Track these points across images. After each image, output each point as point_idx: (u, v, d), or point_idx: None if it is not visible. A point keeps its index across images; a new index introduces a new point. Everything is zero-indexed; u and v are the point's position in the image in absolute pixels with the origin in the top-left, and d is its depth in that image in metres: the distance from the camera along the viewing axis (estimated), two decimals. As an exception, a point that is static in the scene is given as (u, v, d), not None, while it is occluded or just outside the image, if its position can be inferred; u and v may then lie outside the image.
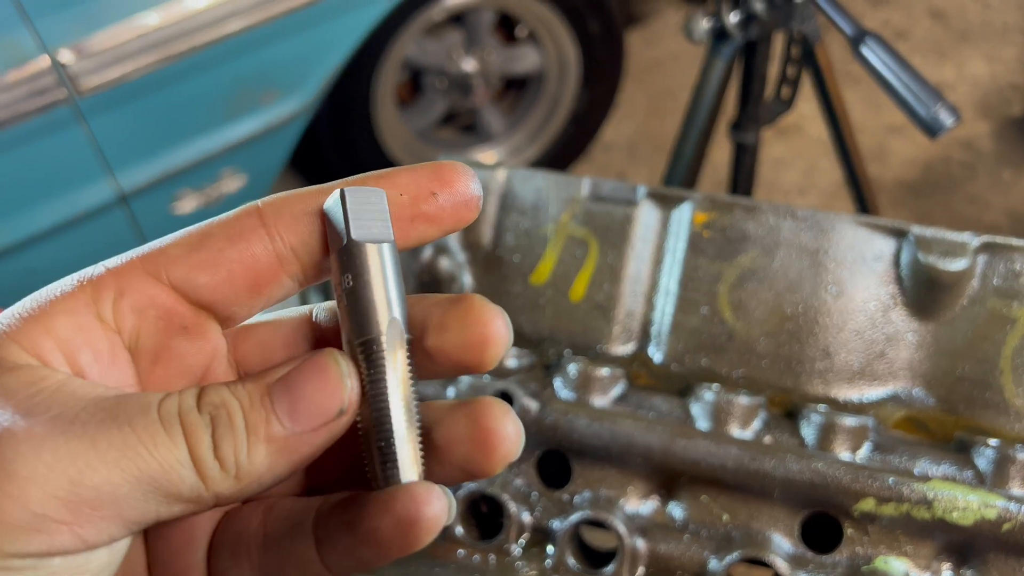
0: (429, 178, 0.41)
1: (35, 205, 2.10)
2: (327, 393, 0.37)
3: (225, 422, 0.36)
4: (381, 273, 0.39)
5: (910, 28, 3.48)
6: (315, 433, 0.37)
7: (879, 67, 1.21)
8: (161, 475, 0.34)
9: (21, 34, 1.93)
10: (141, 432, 0.34)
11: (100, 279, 0.39)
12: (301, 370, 0.38)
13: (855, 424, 0.83)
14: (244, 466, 0.36)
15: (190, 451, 0.35)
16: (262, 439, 0.36)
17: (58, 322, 0.37)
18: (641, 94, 3.35)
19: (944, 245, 0.88)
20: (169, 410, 0.35)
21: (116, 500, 0.34)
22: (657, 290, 0.96)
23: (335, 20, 2.32)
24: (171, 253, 0.39)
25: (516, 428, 0.39)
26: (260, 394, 0.37)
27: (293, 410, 0.37)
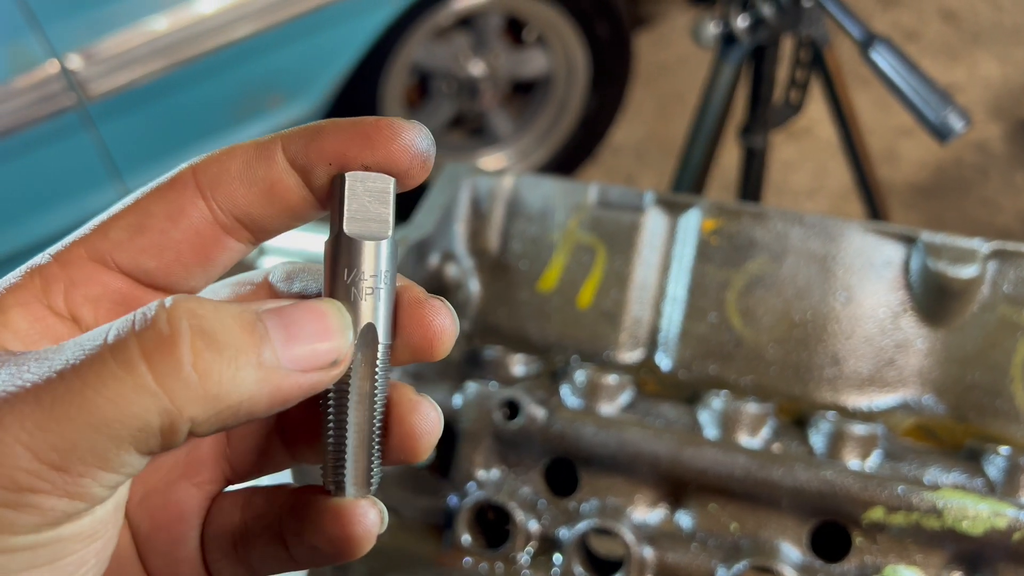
0: (358, 142, 0.37)
1: (44, 209, 2.11)
2: (325, 337, 0.35)
3: (211, 334, 0.32)
4: (371, 271, 0.37)
5: (921, 29, 3.46)
6: (304, 376, 0.34)
7: (889, 72, 1.20)
8: (117, 412, 0.31)
9: (30, 40, 1.94)
10: (86, 372, 0.31)
11: (47, 270, 0.37)
12: (300, 308, 0.35)
13: (864, 432, 0.83)
14: (228, 384, 0.32)
15: (152, 370, 0.31)
16: (252, 361, 0.33)
17: (13, 315, 0.36)
18: (649, 97, 3.35)
19: (954, 252, 0.88)
20: (121, 331, 0.32)
21: (81, 454, 0.31)
22: (665, 297, 0.96)
23: (341, 25, 2.32)
24: (113, 237, 0.38)
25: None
26: (252, 317, 0.34)
27: (288, 343, 0.34)
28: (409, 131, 0.38)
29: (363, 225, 0.38)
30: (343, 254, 0.37)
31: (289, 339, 0.34)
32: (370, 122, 0.38)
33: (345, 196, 0.37)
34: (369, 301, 0.37)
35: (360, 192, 0.37)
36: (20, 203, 2.08)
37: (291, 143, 0.38)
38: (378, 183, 0.38)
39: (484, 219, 1.01)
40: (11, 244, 2.08)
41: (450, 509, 0.85)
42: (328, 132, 0.38)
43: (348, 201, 0.37)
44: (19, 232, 2.08)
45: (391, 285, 0.38)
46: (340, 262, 0.37)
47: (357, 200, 0.37)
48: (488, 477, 0.87)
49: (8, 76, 1.93)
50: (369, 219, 0.38)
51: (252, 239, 0.39)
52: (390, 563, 0.82)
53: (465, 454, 0.86)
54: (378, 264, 0.38)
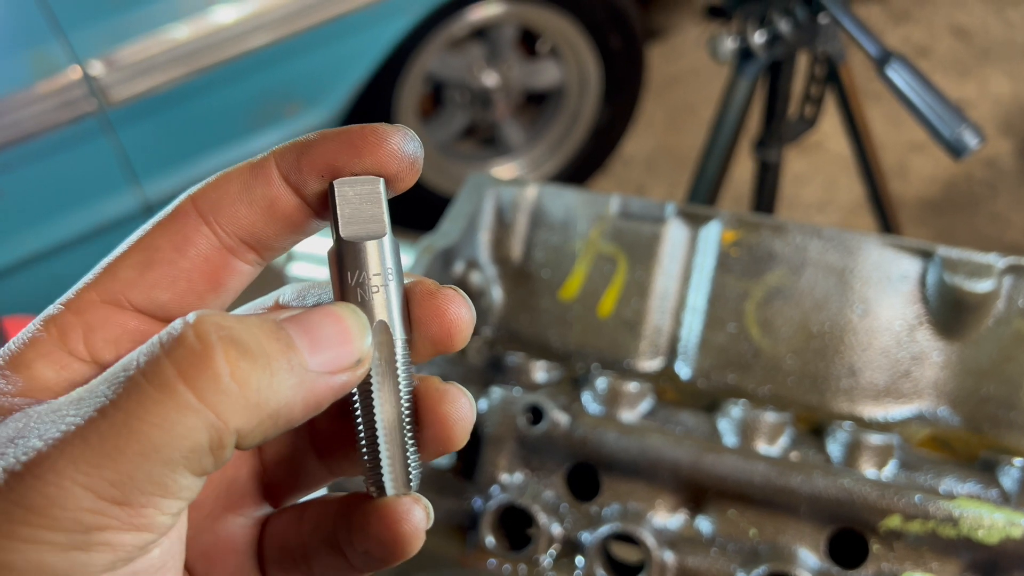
0: (345, 151, 0.38)
1: (63, 213, 2.13)
2: (346, 338, 0.35)
3: (242, 344, 0.32)
4: (375, 270, 0.38)
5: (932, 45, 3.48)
6: (333, 377, 0.35)
7: (904, 89, 1.22)
8: (165, 436, 0.31)
9: (53, 46, 1.97)
10: (124, 403, 0.31)
11: (62, 319, 0.37)
12: (316, 313, 0.36)
13: (881, 442, 0.84)
14: (266, 392, 0.32)
15: (190, 387, 0.31)
16: (285, 367, 0.33)
17: (37, 368, 0.36)
18: (661, 109, 3.37)
19: (970, 266, 0.89)
20: (150, 355, 0.32)
21: (140, 485, 0.31)
22: (685, 307, 0.97)
23: (358, 35, 2.35)
24: (123, 277, 0.38)
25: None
26: (275, 326, 0.34)
27: (313, 348, 0.34)
28: (395, 136, 0.38)
29: (359, 227, 0.38)
30: (345, 259, 0.38)
31: (312, 343, 0.34)
32: (356, 130, 0.38)
33: (337, 203, 0.38)
34: (378, 299, 0.38)
35: (351, 197, 0.38)
36: (40, 206, 2.10)
37: (283, 159, 0.38)
38: (367, 185, 0.38)
39: (508, 228, 1.03)
40: (30, 247, 2.10)
41: (474, 511, 0.87)
42: (317, 144, 0.38)
43: (340, 207, 0.38)
44: (38, 235, 2.11)
45: (398, 281, 0.38)
46: (344, 267, 0.38)
47: (349, 205, 0.38)
48: (511, 481, 0.88)
49: (31, 81, 1.96)
50: (364, 221, 0.38)
51: (259, 259, 0.40)
52: (416, 563, 0.84)
53: (489, 458, 0.88)
54: (381, 262, 0.38)
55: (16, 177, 2.02)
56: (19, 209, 2.07)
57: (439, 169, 2.86)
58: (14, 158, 1.99)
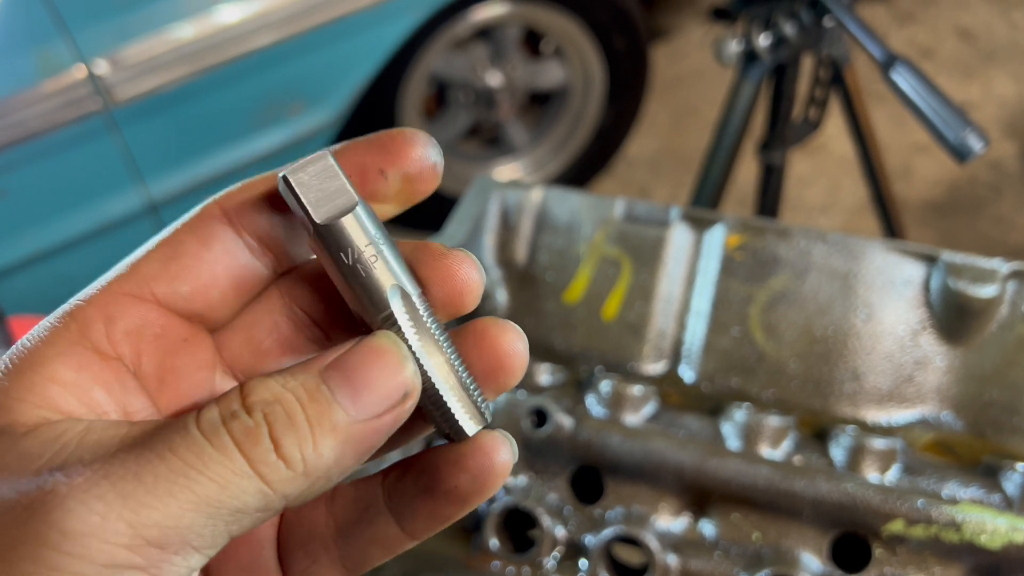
0: (375, 153, 0.38)
1: (68, 212, 2.14)
2: (389, 376, 0.35)
3: (283, 418, 0.33)
4: (365, 241, 0.37)
5: (936, 47, 3.48)
6: (380, 420, 0.35)
7: (909, 92, 1.22)
8: (220, 493, 0.32)
9: (59, 45, 1.97)
10: (185, 454, 0.32)
11: (82, 311, 0.37)
12: (356, 354, 0.35)
13: (884, 446, 0.85)
14: (312, 460, 0.34)
15: (246, 457, 0.33)
16: (327, 430, 0.34)
17: (56, 367, 0.36)
18: (664, 110, 3.37)
19: (974, 271, 0.90)
20: (211, 421, 0.33)
21: (181, 531, 0.32)
22: (689, 311, 0.98)
23: (362, 35, 2.35)
24: (146, 270, 0.38)
25: (524, 344, 0.39)
26: (315, 383, 0.35)
27: (356, 396, 0.35)
28: (422, 142, 0.39)
29: (330, 207, 0.37)
30: (330, 243, 0.37)
31: (355, 393, 0.35)
32: (385, 134, 0.39)
33: (298, 192, 0.37)
34: (379, 267, 0.37)
35: (308, 181, 0.37)
36: (45, 205, 2.11)
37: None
38: (317, 163, 0.37)
39: (512, 231, 1.03)
40: (35, 246, 2.11)
41: (478, 514, 0.87)
42: (346, 151, 0.39)
43: (303, 194, 0.37)
44: (43, 234, 2.12)
45: (390, 243, 0.38)
46: (334, 251, 0.37)
47: (310, 189, 0.37)
48: (516, 483, 0.89)
49: (37, 80, 1.96)
50: (331, 198, 0.37)
51: (276, 264, 0.40)
52: (421, 565, 0.84)
53: (493, 461, 0.89)
54: (365, 231, 0.37)
55: (21, 176, 2.03)
56: (24, 208, 2.08)
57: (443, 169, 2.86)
58: (19, 157, 1.99)
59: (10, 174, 2.01)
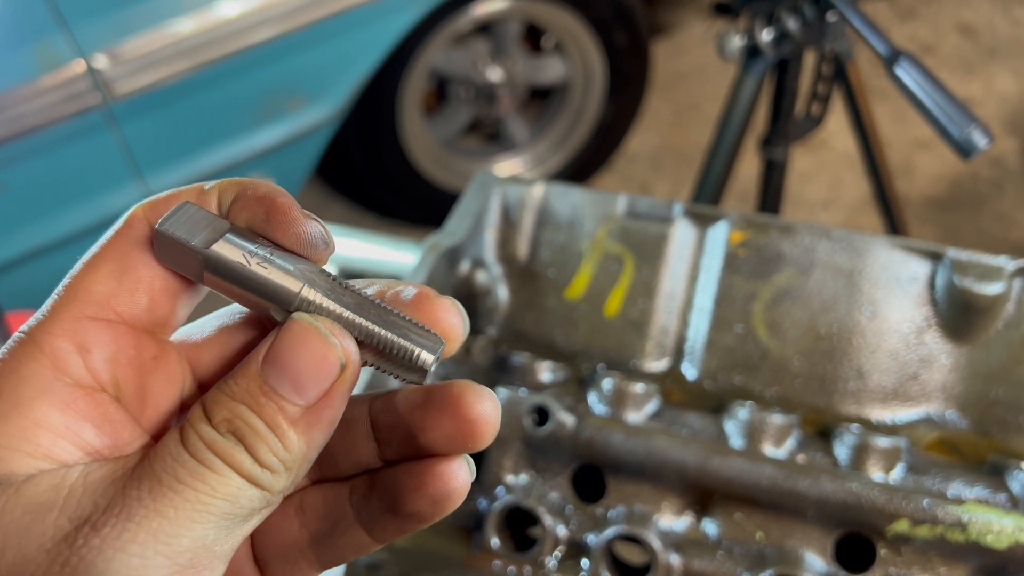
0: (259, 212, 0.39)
1: (67, 207, 2.13)
2: (319, 357, 0.36)
3: (248, 432, 0.36)
4: (251, 248, 0.38)
5: (938, 43, 3.47)
6: (330, 396, 0.37)
7: (913, 88, 1.21)
8: (231, 507, 0.35)
9: (57, 39, 1.96)
10: (192, 482, 0.35)
11: (51, 342, 0.37)
12: (283, 343, 0.37)
13: (888, 445, 0.84)
14: (286, 457, 0.36)
15: (239, 472, 0.35)
16: (286, 426, 0.36)
17: (42, 409, 0.36)
18: (665, 105, 3.36)
19: (980, 269, 0.89)
20: (196, 447, 0.35)
21: (208, 547, 0.35)
22: (692, 307, 0.97)
23: (363, 30, 2.34)
24: (100, 289, 0.38)
25: (496, 412, 0.39)
26: (256, 387, 0.36)
27: (297, 385, 0.36)
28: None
29: (206, 235, 0.38)
30: (221, 265, 0.38)
31: (295, 383, 0.36)
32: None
33: (174, 235, 0.38)
34: (274, 264, 0.38)
35: (178, 225, 0.38)
36: (44, 200, 2.10)
37: (226, 195, 0.40)
38: (180, 210, 0.38)
39: (514, 227, 1.02)
40: (34, 241, 2.10)
41: (479, 512, 0.87)
42: (244, 197, 0.40)
43: (179, 234, 0.38)
44: (42, 229, 2.11)
45: (275, 247, 0.39)
46: (225, 270, 0.38)
47: (183, 230, 0.38)
48: (517, 482, 0.88)
49: (35, 75, 1.95)
50: (203, 229, 0.38)
51: None
52: (421, 564, 0.84)
53: (495, 458, 0.88)
54: (248, 242, 0.38)
55: (20, 170, 2.02)
56: (23, 202, 2.07)
57: (443, 165, 2.86)
58: (18, 151, 1.98)
59: (9, 168, 2.00)
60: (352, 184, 2.93)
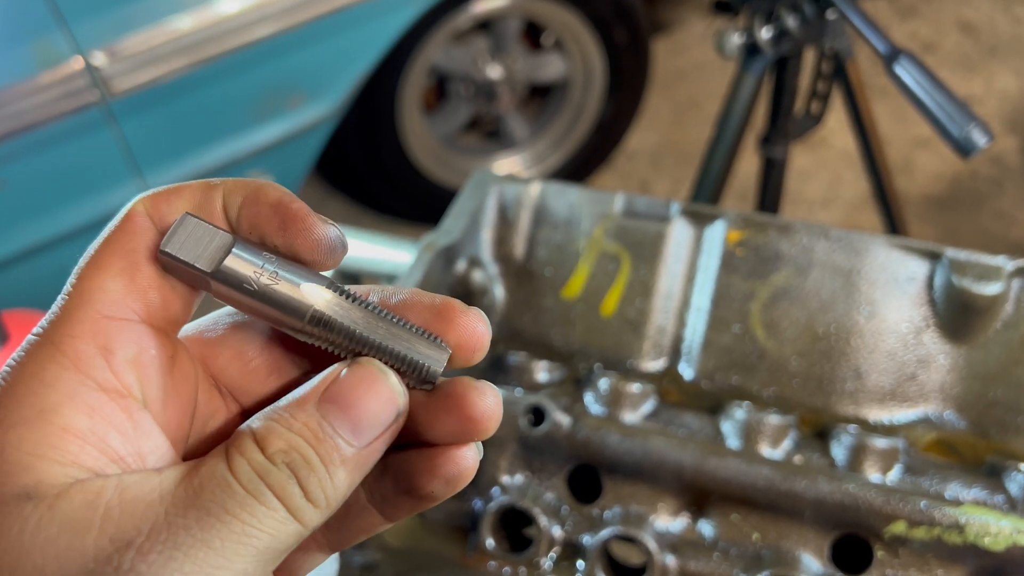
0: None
1: (66, 204, 2.12)
2: (383, 403, 0.37)
3: (303, 465, 0.36)
4: (259, 264, 0.38)
5: (939, 41, 3.46)
6: (380, 440, 0.37)
7: (912, 86, 1.21)
8: (271, 541, 0.35)
9: (56, 36, 1.96)
10: (240, 513, 0.35)
11: (73, 344, 0.36)
12: (347, 385, 0.37)
13: (886, 446, 0.83)
14: (331, 494, 0.36)
15: (286, 506, 0.35)
16: (338, 464, 0.36)
17: (69, 414, 0.35)
18: (666, 103, 3.35)
19: (978, 269, 0.88)
20: (248, 476, 0.35)
21: None
22: (689, 307, 0.96)
23: (363, 26, 2.34)
24: (113, 288, 0.37)
25: (496, 403, 0.40)
26: (317, 421, 0.37)
27: (355, 428, 0.37)
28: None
29: (212, 254, 0.38)
30: (231, 282, 0.38)
31: (354, 426, 0.37)
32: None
33: (180, 257, 0.37)
34: (283, 280, 0.38)
35: (182, 244, 0.38)
36: (43, 197, 2.10)
37: (231, 198, 0.39)
38: (182, 226, 0.38)
39: (510, 226, 1.02)
40: (33, 238, 2.09)
41: (475, 513, 0.86)
42: (262, 195, 0.39)
43: (184, 256, 0.37)
44: (41, 226, 2.10)
45: (282, 259, 0.39)
46: (237, 287, 0.38)
47: (188, 249, 0.38)
48: (512, 482, 0.88)
49: (34, 72, 1.95)
50: (209, 247, 0.38)
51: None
52: (416, 564, 0.83)
53: (490, 459, 0.87)
54: (255, 257, 0.38)
55: (19, 167, 2.02)
56: (22, 200, 2.07)
57: (442, 162, 2.85)
58: (17, 148, 1.98)
59: (8, 166, 2.00)
60: (351, 181, 2.93)
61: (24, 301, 1.61)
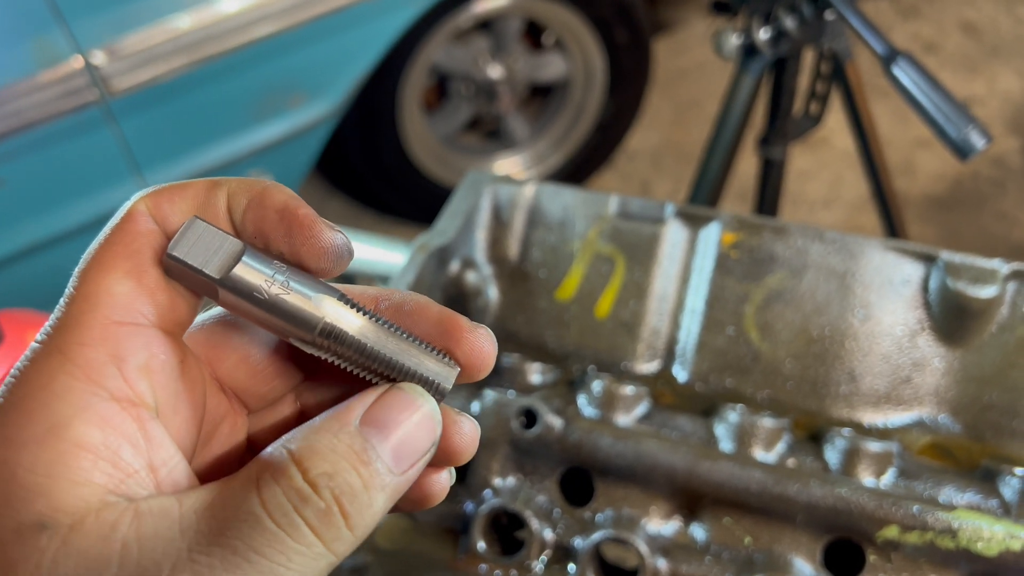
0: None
1: (65, 203, 2.12)
2: (424, 430, 0.37)
3: (348, 490, 0.34)
4: (270, 272, 0.37)
5: (941, 42, 3.45)
6: (414, 468, 0.37)
7: (910, 87, 1.20)
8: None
9: (55, 35, 1.96)
10: (268, 551, 0.33)
11: (83, 353, 0.34)
12: (391, 408, 0.36)
13: (880, 449, 0.83)
14: (368, 524, 0.35)
15: (321, 539, 0.34)
16: (378, 489, 0.35)
17: (80, 428, 0.33)
18: (666, 103, 3.35)
19: (973, 271, 0.88)
20: (281, 509, 0.33)
21: None
22: (683, 309, 0.96)
23: (363, 26, 2.33)
24: (120, 291, 0.36)
25: (473, 432, 0.40)
26: (361, 444, 0.35)
27: (397, 455, 0.36)
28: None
29: (221, 260, 0.37)
30: (240, 290, 0.37)
31: (396, 453, 0.36)
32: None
33: (188, 262, 0.36)
34: (294, 290, 0.37)
35: (191, 249, 0.36)
36: (42, 196, 2.10)
37: (236, 200, 0.39)
38: (191, 229, 0.37)
39: (505, 227, 1.01)
40: (31, 237, 2.10)
41: (466, 515, 0.86)
42: (269, 198, 0.38)
43: (193, 261, 0.36)
44: (40, 225, 2.11)
45: (291, 268, 0.38)
46: (246, 295, 0.37)
47: (196, 255, 0.36)
48: (504, 484, 0.87)
49: (33, 70, 1.95)
50: (218, 252, 0.37)
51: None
52: (407, 567, 0.83)
53: (482, 461, 0.87)
54: (264, 265, 0.37)
55: (18, 166, 2.02)
56: (21, 198, 2.07)
57: (443, 161, 2.85)
58: (16, 147, 1.98)
59: (7, 164, 2.00)
60: (351, 181, 2.93)
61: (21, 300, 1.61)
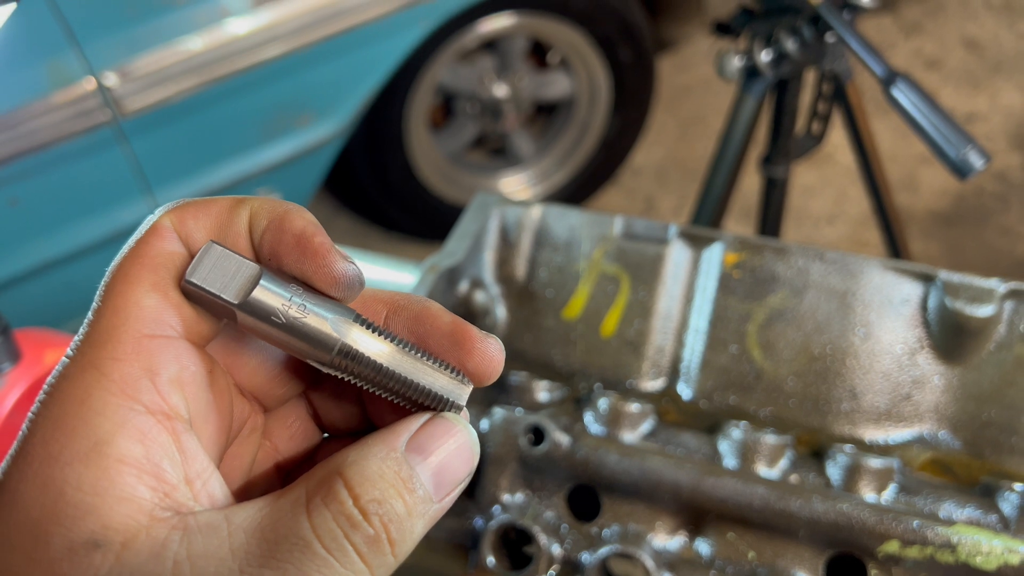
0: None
1: (77, 222, 2.15)
2: (464, 461, 0.38)
3: (396, 518, 0.35)
4: (287, 296, 0.38)
5: (943, 58, 3.48)
6: (451, 497, 0.38)
7: (909, 109, 1.22)
8: None
9: (69, 57, 1.99)
10: (316, 575, 0.33)
11: (118, 368, 0.35)
12: (434, 436, 0.38)
13: (881, 465, 0.85)
14: (408, 550, 0.36)
15: (367, 565, 0.34)
16: (420, 516, 0.36)
17: (122, 443, 0.34)
18: (671, 120, 3.37)
19: (971, 291, 0.90)
20: (331, 534, 0.34)
21: None
22: (687, 328, 0.98)
23: (371, 47, 2.37)
24: (148, 303, 0.36)
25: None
26: (408, 472, 0.36)
27: (439, 485, 0.37)
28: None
29: (239, 284, 0.37)
30: (259, 313, 0.37)
31: (439, 478, 0.37)
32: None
33: (205, 288, 0.37)
34: (311, 312, 0.38)
35: (208, 275, 0.37)
36: (54, 214, 2.13)
37: (256, 223, 0.39)
38: (208, 255, 0.37)
39: (512, 248, 1.04)
40: (44, 255, 2.12)
41: (476, 531, 0.88)
42: (286, 223, 0.39)
43: (211, 287, 0.37)
44: (52, 243, 2.13)
45: (307, 289, 0.39)
46: (264, 318, 0.37)
47: (214, 280, 0.37)
48: (513, 500, 0.89)
49: (47, 91, 1.98)
50: (236, 277, 0.37)
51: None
52: (417, 582, 0.85)
53: (491, 477, 0.89)
54: (282, 289, 0.38)
55: (31, 185, 2.05)
56: (34, 217, 2.10)
57: (449, 179, 2.88)
58: (29, 167, 2.01)
59: (20, 184, 2.03)
60: (359, 199, 2.96)
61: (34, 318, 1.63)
